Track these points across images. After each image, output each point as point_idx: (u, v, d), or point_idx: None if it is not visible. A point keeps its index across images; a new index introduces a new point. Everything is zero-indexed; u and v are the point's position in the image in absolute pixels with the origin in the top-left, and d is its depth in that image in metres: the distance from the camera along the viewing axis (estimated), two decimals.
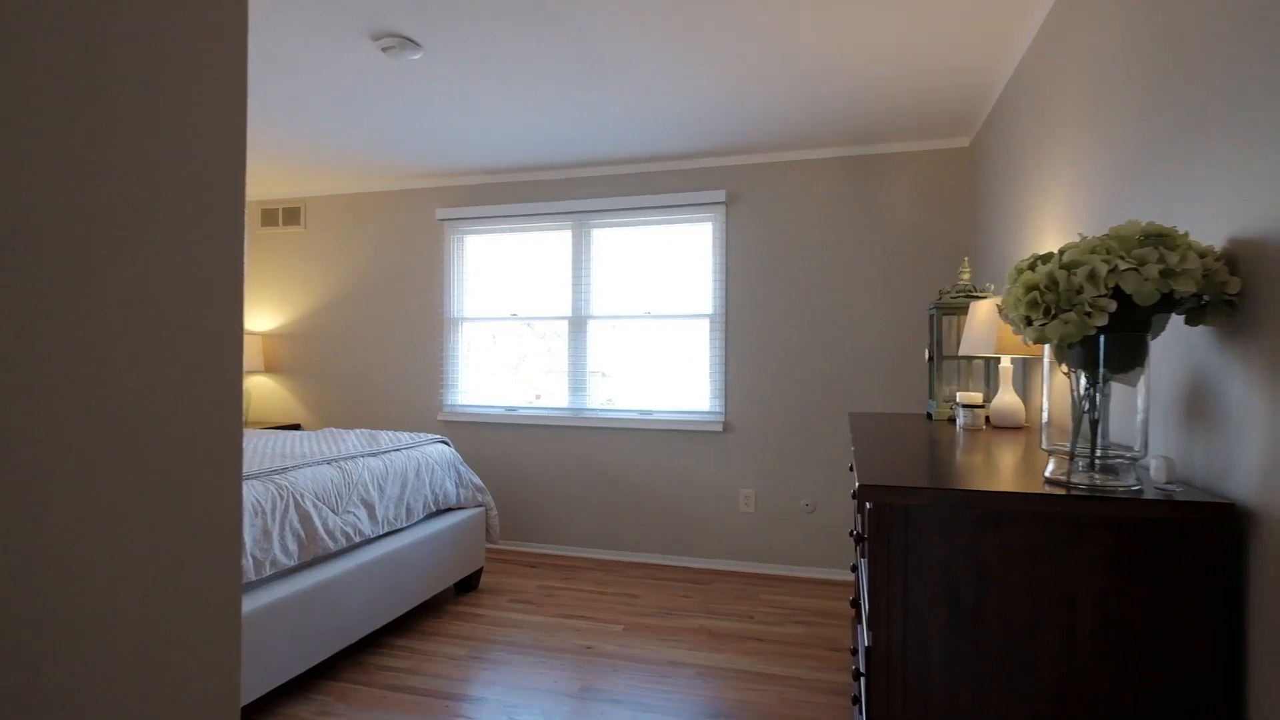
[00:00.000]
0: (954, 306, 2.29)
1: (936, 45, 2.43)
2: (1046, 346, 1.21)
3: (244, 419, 4.40)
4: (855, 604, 2.53)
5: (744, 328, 3.76)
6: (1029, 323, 1.10)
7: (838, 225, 3.63)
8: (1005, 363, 2.06)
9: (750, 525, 3.74)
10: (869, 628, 1.19)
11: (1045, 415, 1.24)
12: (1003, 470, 1.30)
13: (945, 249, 3.47)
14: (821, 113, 3.09)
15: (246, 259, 4.68)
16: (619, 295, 3.97)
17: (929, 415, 2.39)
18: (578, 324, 4.03)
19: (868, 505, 1.18)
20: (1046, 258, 1.12)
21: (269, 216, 4.61)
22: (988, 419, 2.11)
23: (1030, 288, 1.08)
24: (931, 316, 2.37)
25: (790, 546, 3.68)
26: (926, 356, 2.39)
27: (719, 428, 3.75)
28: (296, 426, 4.52)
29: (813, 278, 3.66)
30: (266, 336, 4.64)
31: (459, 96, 2.91)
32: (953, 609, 1.11)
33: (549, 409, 4.06)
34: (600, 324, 4.00)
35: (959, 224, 3.46)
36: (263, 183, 4.39)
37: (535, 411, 4.08)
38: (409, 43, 2.34)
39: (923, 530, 1.13)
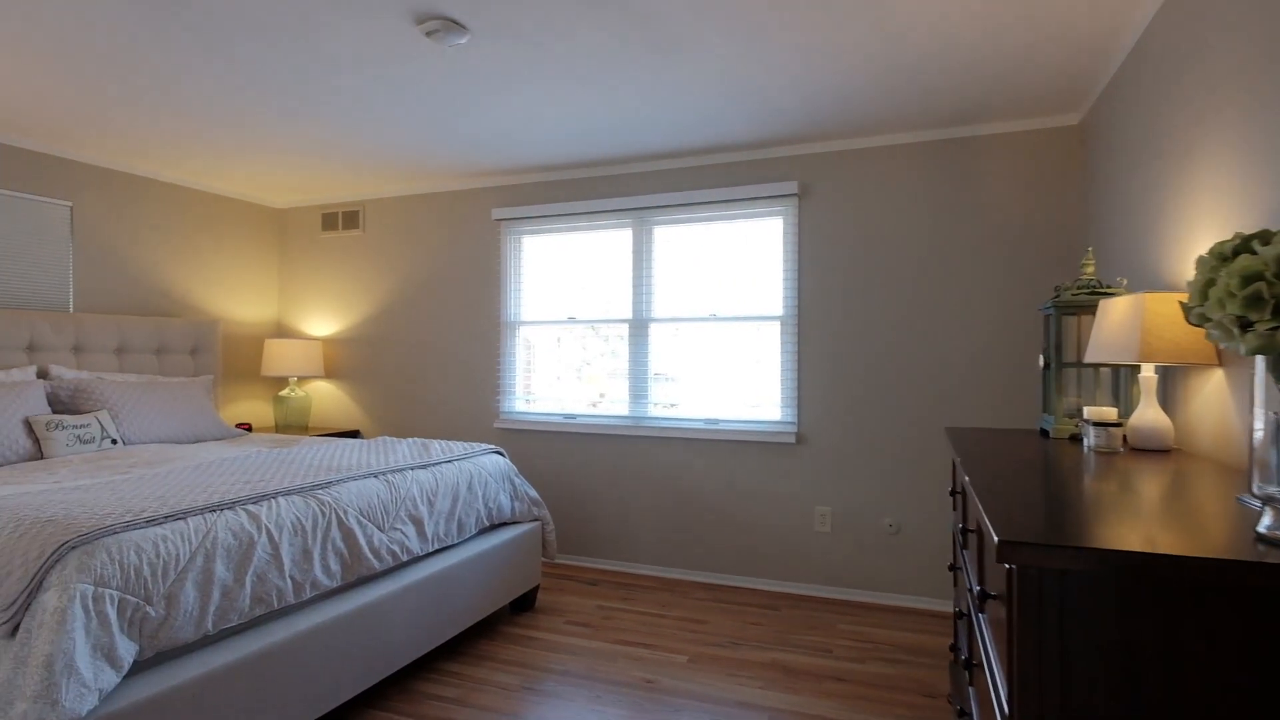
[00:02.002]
0: (1076, 305, 1.95)
1: (1046, 7, 2.09)
2: (1260, 358, 0.91)
3: (306, 424, 4.39)
4: (958, 649, 2.20)
5: (818, 331, 3.45)
6: (1245, 326, 0.80)
7: (925, 217, 3.28)
8: (1147, 371, 1.71)
9: (826, 546, 3.42)
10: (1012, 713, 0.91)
11: (1253, 449, 0.93)
12: (1182, 518, 1.00)
13: (1054, 240, 3.08)
14: (906, 91, 2.77)
15: (308, 263, 4.67)
16: (682, 296, 3.73)
17: (1044, 432, 2.05)
18: (638, 327, 3.80)
19: (1009, 566, 0.90)
20: (1265, 236, 0.82)
21: (329, 220, 4.57)
22: (1124, 439, 1.76)
23: (1250, 277, 0.78)
24: (1047, 317, 2.03)
25: (871, 571, 3.35)
26: (1041, 363, 2.05)
27: (791, 439, 3.45)
28: (356, 433, 4.47)
29: (896, 276, 3.32)
30: (327, 341, 4.61)
31: (510, 86, 2.73)
32: (1136, 709, 0.83)
33: (609, 417, 3.85)
34: (662, 327, 3.77)
35: (1069, 212, 3.06)
36: (323, 186, 4.36)
37: (595, 420, 3.87)
38: (454, 25, 2.17)
39: (1092, 603, 0.84)
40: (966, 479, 1.35)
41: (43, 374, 3.28)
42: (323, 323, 4.63)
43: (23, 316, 3.24)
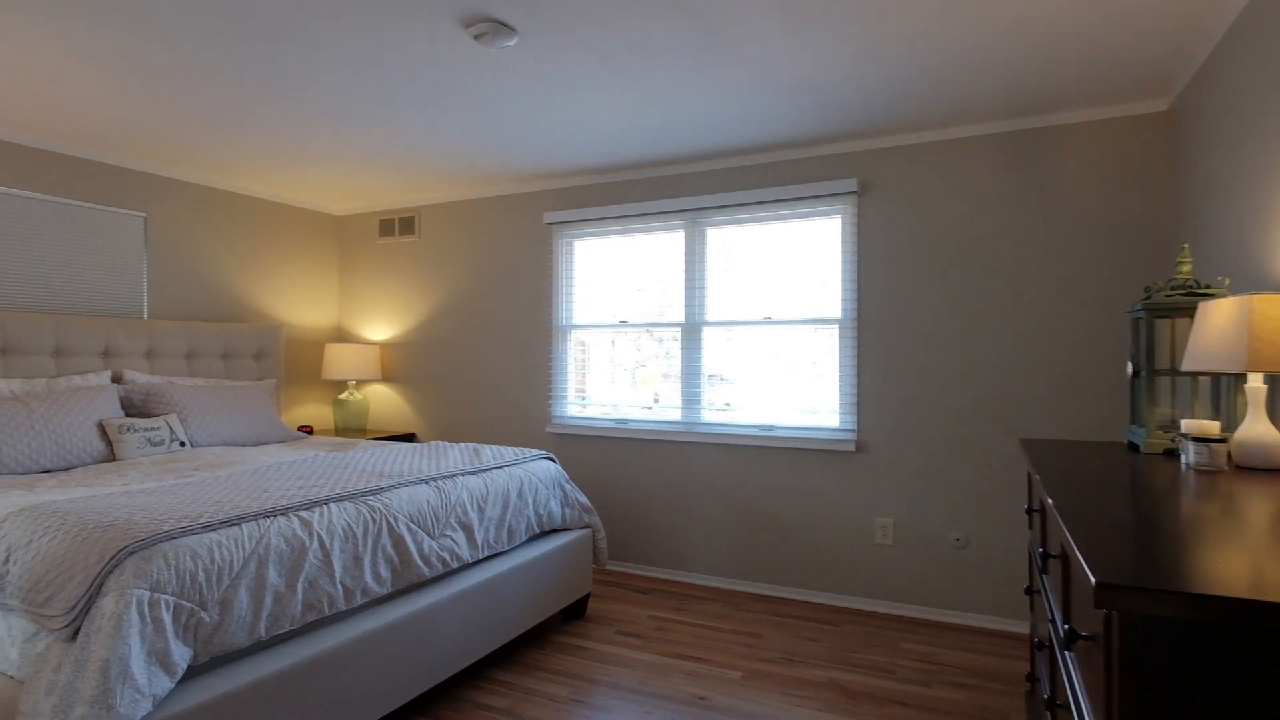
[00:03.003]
0: (1170, 307, 1.78)
1: None
2: None
3: (364, 427, 4.47)
4: (1037, 680, 2.05)
5: (879, 334, 3.31)
6: None
7: (996, 213, 3.10)
8: (1255, 381, 1.54)
9: (888, 559, 3.27)
10: None
11: None
12: None
13: (1140, 237, 2.86)
14: (977, 79, 2.61)
15: (366, 269, 4.76)
16: (736, 299, 3.63)
17: (1133, 446, 1.88)
18: (691, 331, 3.72)
19: (1108, 612, 0.79)
20: None
21: (386, 227, 4.65)
22: (1229, 456, 1.59)
23: None
24: (1136, 320, 1.87)
25: (936, 587, 3.18)
26: (1129, 371, 1.89)
27: (850, 446, 3.31)
28: (411, 436, 4.53)
29: (965, 276, 3.15)
30: (384, 346, 4.69)
31: (560, 87, 2.69)
32: None
33: (662, 422, 3.79)
34: (716, 331, 3.68)
35: (1157, 205, 2.84)
36: (379, 194, 4.43)
37: (648, 425, 3.81)
38: (502, 27, 2.14)
39: (1209, 657, 0.73)
40: (1049, 501, 1.22)
41: (117, 378, 3.42)
42: (380, 327, 4.71)
43: (100, 323, 3.39)
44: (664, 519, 3.76)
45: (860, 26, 2.19)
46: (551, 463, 3.19)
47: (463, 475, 2.69)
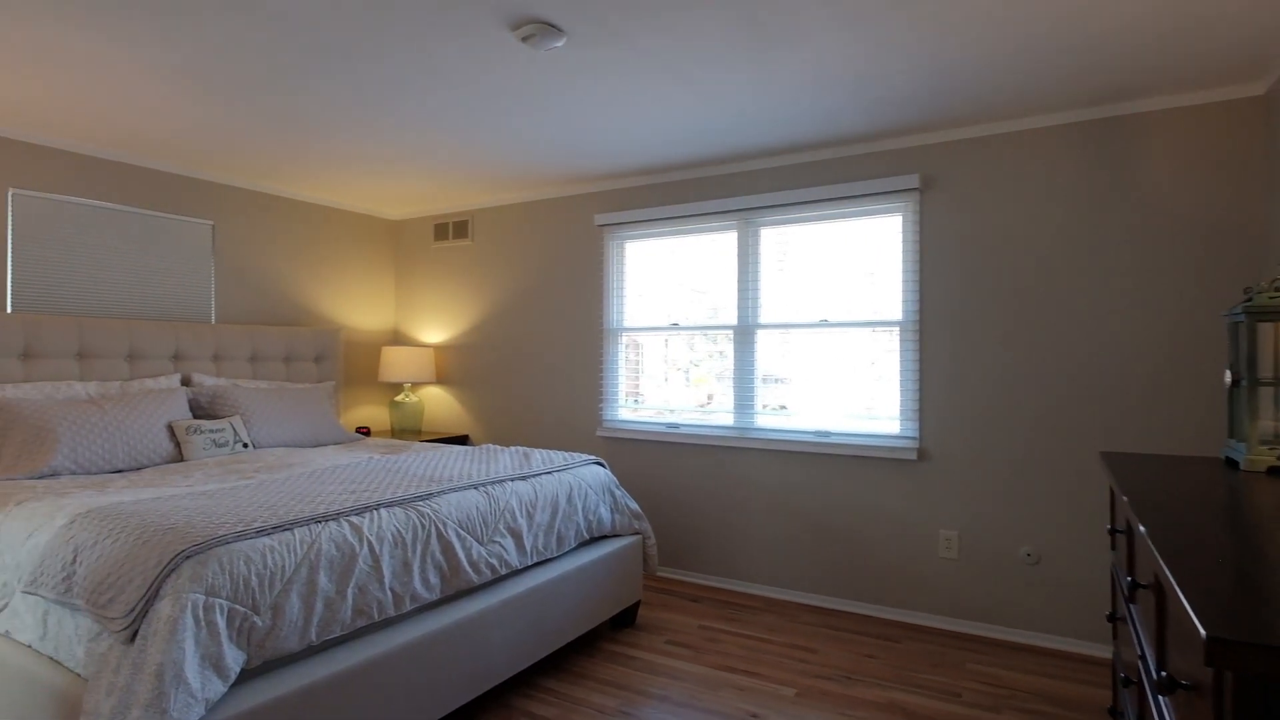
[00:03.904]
0: (1275, 310, 1.61)
1: None
2: None
3: (419, 429, 4.54)
4: (1120, 715, 1.90)
5: (942, 337, 3.15)
6: None
7: (1072, 209, 2.91)
8: None
9: (952, 574, 3.11)
10: None
11: None
12: None
13: (1236, 233, 2.64)
14: (1051, 65, 2.45)
15: (421, 272, 4.83)
16: (791, 301, 3.52)
17: (1231, 463, 1.72)
18: (744, 334, 3.63)
19: (1228, 674, 0.69)
20: None
21: (440, 231, 4.71)
22: None
23: None
24: (1236, 325, 1.70)
25: (1005, 604, 3.01)
26: (1228, 380, 1.72)
27: (912, 455, 3.17)
28: (465, 438, 4.57)
29: (1035, 277, 2.97)
30: (438, 348, 4.75)
31: (609, 87, 2.65)
32: None
33: (714, 427, 3.71)
34: (769, 334, 3.58)
35: (1255, 199, 2.61)
36: (434, 198, 4.49)
37: (699, 430, 3.74)
38: (550, 28, 2.11)
39: None
40: (1142, 529, 1.11)
41: (186, 381, 3.55)
42: (435, 330, 4.78)
43: (170, 328, 3.52)
44: (716, 526, 3.69)
45: (918, 11, 2.07)
46: (601, 468, 3.15)
47: (512, 481, 2.67)
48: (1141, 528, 1.11)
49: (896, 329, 3.25)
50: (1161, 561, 0.92)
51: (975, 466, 3.07)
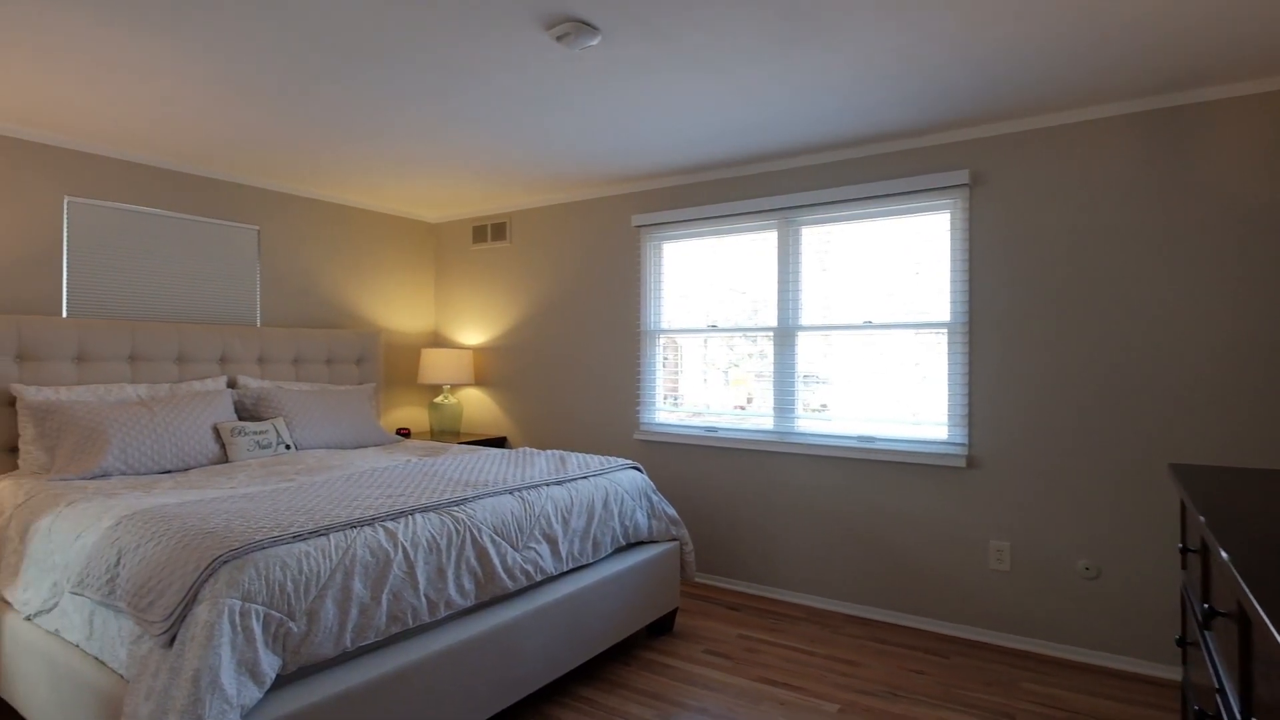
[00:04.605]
0: None
1: None
2: None
3: (458, 430, 4.56)
4: None
5: (993, 339, 3.02)
6: None
7: (1133, 205, 2.75)
8: None
9: (1004, 587, 2.98)
10: None
11: None
12: None
13: None
14: (1110, 52, 2.31)
15: (460, 274, 4.85)
16: (833, 302, 3.42)
17: None
18: (784, 336, 3.55)
19: None
20: None
21: (479, 233, 4.73)
22: None
23: None
24: None
25: (1061, 620, 2.86)
26: None
27: (960, 462, 3.04)
28: (503, 440, 4.58)
29: (1094, 275, 2.82)
30: (477, 350, 4.77)
31: (645, 86, 2.60)
32: None
33: (753, 430, 3.63)
34: (811, 336, 3.48)
35: None
36: (472, 200, 4.50)
37: (738, 434, 3.66)
38: (585, 26, 2.07)
39: None
40: (1224, 554, 1.01)
41: (232, 383, 3.62)
42: (473, 332, 4.80)
43: (216, 331, 3.60)
44: (755, 532, 3.61)
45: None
46: (638, 473, 3.11)
47: (547, 486, 2.65)
48: (1224, 553, 1.01)
49: (944, 330, 3.13)
50: (1248, 591, 0.83)
51: (1028, 474, 2.93)
